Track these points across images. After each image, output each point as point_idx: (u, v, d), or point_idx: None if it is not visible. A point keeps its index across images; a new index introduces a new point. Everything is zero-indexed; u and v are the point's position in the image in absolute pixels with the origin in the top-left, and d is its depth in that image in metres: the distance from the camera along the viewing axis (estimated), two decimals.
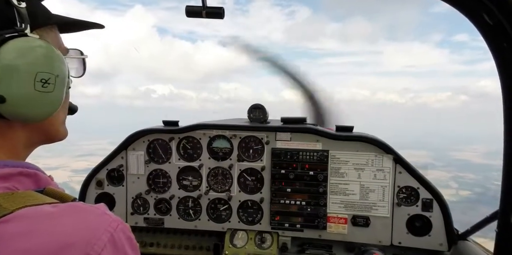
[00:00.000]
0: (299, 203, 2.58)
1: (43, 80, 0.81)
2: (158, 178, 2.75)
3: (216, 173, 2.71)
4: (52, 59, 0.84)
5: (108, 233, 0.72)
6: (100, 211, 0.77)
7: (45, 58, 0.82)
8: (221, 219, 2.71)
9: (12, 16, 0.81)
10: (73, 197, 0.84)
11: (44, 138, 0.97)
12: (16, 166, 0.82)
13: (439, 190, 2.46)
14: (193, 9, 1.51)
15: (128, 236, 0.78)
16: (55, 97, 0.86)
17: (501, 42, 1.07)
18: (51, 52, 0.84)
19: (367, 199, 2.51)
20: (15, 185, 0.79)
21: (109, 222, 0.75)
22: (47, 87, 0.82)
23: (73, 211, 0.74)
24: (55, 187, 0.86)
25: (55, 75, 0.84)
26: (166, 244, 2.80)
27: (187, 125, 2.70)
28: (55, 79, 0.84)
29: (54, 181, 0.92)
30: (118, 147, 2.75)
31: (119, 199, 2.77)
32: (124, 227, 0.78)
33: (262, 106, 2.74)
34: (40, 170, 0.89)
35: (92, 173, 2.80)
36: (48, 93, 0.83)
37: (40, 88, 0.81)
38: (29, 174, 0.84)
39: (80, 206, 0.77)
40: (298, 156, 2.57)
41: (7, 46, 0.78)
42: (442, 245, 2.40)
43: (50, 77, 0.83)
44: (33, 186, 0.83)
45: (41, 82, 0.81)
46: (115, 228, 0.74)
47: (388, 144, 2.48)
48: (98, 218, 0.75)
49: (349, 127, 2.60)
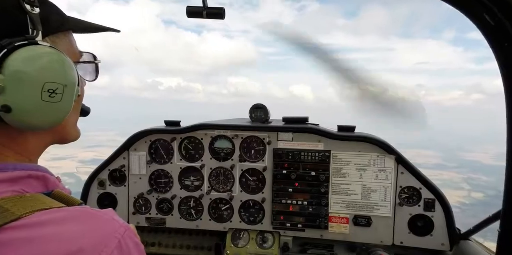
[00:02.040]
0: (300, 203, 2.58)
1: (50, 90, 0.79)
2: (160, 178, 2.76)
3: (217, 173, 2.71)
4: (61, 69, 0.82)
5: (115, 239, 0.73)
6: (108, 216, 0.78)
7: (53, 67, 0.80)
8: (223, 218, 2.72)
9: (24, 22, 0.80)
10: (79, 201, 0.84)
11: (55, 140, 0.97)
12: (25, 169, 0.83)
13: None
14: (193, 9, 1.51)
15: (135, 242, 0.79)
16: (63, 106, 0.84)
17: (503, 42, 1.07)
18: (60, 61, 0.82)
19: (369, 199, 2.51)
20: (23, 188, 0.79)
21: (117, 228, 0.76)
22: (55, 97, 0.81)
23: (81, 216, 0.75)
24: (62, 189, 0.87)
25: (63, 85, 0.82)
26: (167, 244, 2.81)
27: (189, 125, 2.70)
28: (63, 89, 0.82)
29: (62, 183, 0.93)
30: (120, 148, 2.76)
31: (121, 199, 2.78)
32: (131, 233, 0.78)
33: (264, 106, 2.74)
34: (49, 172, 0.89)
35: (94, 173, 2.81)
36: (55, 103, 0.81)
37: (47, 98, 0.79)
38: (37, 176, 0.84)
39: (88, 211, 0.77)
40: (299, 156, 2.57)
41: (15, 55, 0.76)
42: (444, 245, 2.39)
43: (58, 87, 0.81)
44: (42, 188, 0.84)
45: (48, 92, 0.79)
46: (122, 234, 0.75)
47: (390, 144, 2.47)
48: (106, 224, 0.76)
49: (351, 127, 2.59)
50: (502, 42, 1.09)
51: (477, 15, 1.10)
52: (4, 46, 0.75)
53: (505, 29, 1.04)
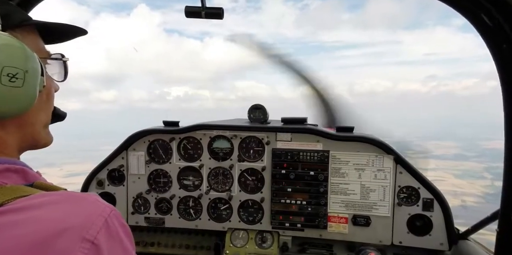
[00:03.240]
0: (299, 203, 2.58)
1: (10, 74, 0.81)
2: (159, 178, 2.76)
3: (216, 173, 2.71)
4: (21, 55, 0.83)
5: (102, 218, 0.74)
6: (93, 198, 0.79)
7: (12, 53, 0.82)
8: (222, 218, 2.72)
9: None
10: (63, 188, 0.85)
11: (27, 139, 0.96)
12: (1, 162, 0.83)
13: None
14: (192, 9, 1.51)
15: (122, 223, 0.80)
16: (26, 92, 0.85)
17: (501, 43, 1.07)
18: (20, 48, 0.84)
19: (368, 198, 2.51)
20: (2, 180, 0.79)
21: (103, 208, 0.77)
22: (15, 82, 0.82)
23: (66, 198, 0.75)
24: (44, 181, 0.87)
25: (23, 70, 0.83)
26: (166, 244, 2.81)
27: (188, 126, 2.70)
28: (24, 74, 0.83)
29: (43, 177, 0.93)
30: (118, 148, 2.75)
31: (120, 199, 2.78)
32: (117, 214, 0.79)
33: (263, 106, 2.74)
34: (28, 166, 0.90)
35: (92, 173, 2.80)
36: (17, 88, 0.82)
37: (7, 82, 0.81)
38: (16, 170, 0.85)
39: (72, 194, 0.78)
40: (298, 156, 2.57)
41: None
42: (443, 245, 2.40)
43: (18, 72, 0.82)
44: (21, 181, 0.84)
45: (8, 77, 0.80)
46: (109, 214, 0.76)
47: (388, 145, 2.48)
48: (91, 204, 0.76)
49: (350, 127, 2.60)
50: (500, 44, 1.09)
51: (475, 16, 1.10)
52: None
53: (503, 30, 1.04)
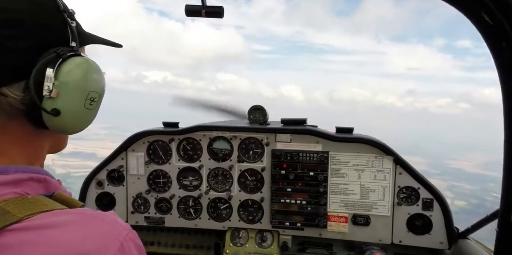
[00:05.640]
0: (299, 202, 2.58)
1: (91, 98, 0.87)
2: (158, 178, 2.76)
3: (216, 174, 2.71)
4: (101, 79, 0.91)
5: (118, 242, 0.74)
6: (111, 219, 0.78)
7: (97, 78, 0.88)
8: (222, 218, 2.72)
9: (66, 34, 0.86)
10: (81, 203, 0.85)
11: (52, 147, 0.99)
12: (26, 171, 0.83)
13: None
14: (192, 8, 1.51)
15: (137, 244, 0.80)
16: (94, 114, 0.93)
17: (501, 42, 1.07)
18: (100, 72, 0.90)
19: (368, 198, 2.51)
20: (24, 190, 0.79)
21: (119, 230, 0.76)
22: (92, 105, 0.89)
23: (83, 219, 0.75)
24: (63, 192, 0.88)
25: (100, 94, 0.90)
26: (166, 243, 2.81)
27: (187, 127, 2.70)
28: (99, 98, 0.91)
29: (63, 185, 0.93)
30: (118, 149, 2.76)
31: (120, 199, 2.78)
32: (134, 235, 0.79)
33: (262, 107, 2.74)
34: (50, 175, 0.90)
35: (92, 174, 2.81)
36: (91, 110, 0.89)
37: (88, 105, 0.87)
38: (39, 179, 0.85)
39: (90, 214, 0.77)
40: (298, 157, 2.57)
41: (67, 64, 0.82)
42: (443, 244, 2.40)
43: (97, 96, 0.89)
44: (43, 191, 0.85)
45: (89, 100, 0.87)
46: (124, 237, 0.76)
47: (388, 146, 2.48)
48: (108, 226, 0.76)
49: (349, 128, 2.60)
50: (500, 42, 1.09)
51: (476, 14, 1.10)
52: (60, 55, 0.81)
53: (504, 28, 1.04)
